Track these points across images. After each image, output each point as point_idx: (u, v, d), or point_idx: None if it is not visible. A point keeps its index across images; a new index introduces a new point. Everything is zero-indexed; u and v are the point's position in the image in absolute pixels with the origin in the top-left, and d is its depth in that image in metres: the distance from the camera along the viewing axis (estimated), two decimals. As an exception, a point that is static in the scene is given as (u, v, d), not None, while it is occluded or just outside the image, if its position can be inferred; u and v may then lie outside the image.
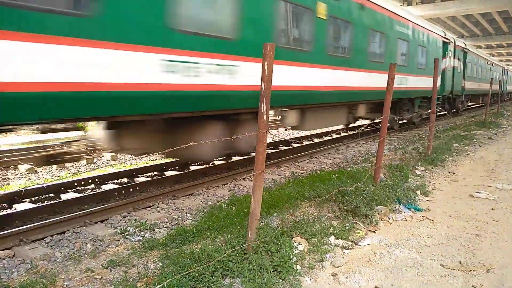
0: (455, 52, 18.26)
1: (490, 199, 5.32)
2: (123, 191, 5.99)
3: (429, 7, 33.10)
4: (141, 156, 8.61)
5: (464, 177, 6.64)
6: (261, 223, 3.73)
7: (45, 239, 4.22)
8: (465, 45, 21.09)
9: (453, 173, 6.91)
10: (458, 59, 18.87)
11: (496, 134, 12.26)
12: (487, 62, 29.59)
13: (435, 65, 8.01)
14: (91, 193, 6.00)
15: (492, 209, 4.92)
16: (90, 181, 6.53)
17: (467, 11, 32.77)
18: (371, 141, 11.71)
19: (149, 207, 5.32)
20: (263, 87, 3.24)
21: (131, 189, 6.09)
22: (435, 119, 8.40)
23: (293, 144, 10.76)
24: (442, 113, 19.08)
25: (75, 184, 6.31)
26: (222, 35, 5.56)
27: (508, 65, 70.88)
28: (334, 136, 12.64)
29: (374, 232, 4.17)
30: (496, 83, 31.11)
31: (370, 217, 4.39)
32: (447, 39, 16.72)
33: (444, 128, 14.80)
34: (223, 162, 8.12)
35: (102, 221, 4.79)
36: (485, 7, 31.30)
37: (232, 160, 8.38)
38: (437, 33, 15.73)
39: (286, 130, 14.88)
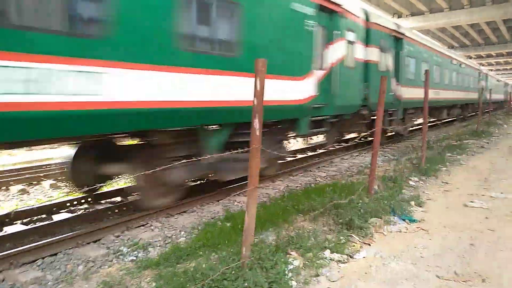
0: (370, 35, 10.65)
1: (484, 208, 5.33)
2: (116, 210, 5.94)
3: (419, 19, 33.70)
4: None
5: (457, 186, 6.66)
6: (256, 239, 3.70)
7: (37, 261, 4.14)
8: (398, 27, 12.92)
9: (447, 183, 6.93)
10: (381, 50, 11.41)
11: (488, 143, 12.37)
12: (452, 61, 21.00)
13: (429, 74, 8.05)
14: (83, 213, 5.94)
15: (486, 218, 4.93)
16: (82, 200, 6.46)
17: (456, 22, 33.39)
18: (364, 153, 11.73)
19: (143, 226, 5.26)
20: (255, 103, 3.27)
21: (124, 208, 6.03)
22: (426, 132, 8.44)
23: (288, 158, 10.76)
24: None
25: (68, 204, 6.25)
26: None
27: (497, 74, 71.83)
28: (330, 148, 12.66)
29: (369, 244, 4.15)
30: (471, 90, 26.83)
31: (365, 229, 4.39)
32: (330, 2, 8.46)
33: (437, 138, 14.89)
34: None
35: (94, 242, 4.72)
36: (473, 18, 31.93)
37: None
38: None
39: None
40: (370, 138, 12.65)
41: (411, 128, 15.94)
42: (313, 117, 8.06)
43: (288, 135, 8.22)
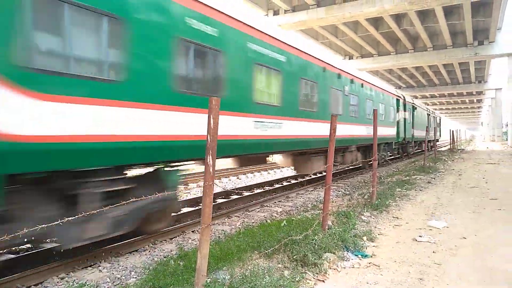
0: None
1: (431, 243, 5.54)
2: (61, 250, 5.59)
3: (368, 61, 35.89)
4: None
5: (407, 221, 6.91)
6: (209, 279, 3.62)
7: (-32, 309, 3.80)
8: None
9: (397, 218, 7.17)
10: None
11: (434, 178, 13.02)
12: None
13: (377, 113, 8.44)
14: (25, 253, 5.54)
15: (433, 252, 5.12)
16: (25, 239, 6.04)
17: (402, 65, 35.91)
18: (319, 188, 11.97)
19: (90, 266, 5.00)
20: (209, 140, 3.28)
21: (71, 248, 5.69)
22: (377, 168, 8.78)
23: (245, 193, 10.74)
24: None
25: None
26: None
27: (441, 113, 76.71)
28: (285, 183, 12.80)
29: (323, 281, 4.16)
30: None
31: (319, 265, 4.41)
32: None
33: (387, 173, 15.50)
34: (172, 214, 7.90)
35: (36, 285, 4.41)
36: (417, 61, 34.52)
37: (180, 212, 8.17)
38: None
39: (238, 178, 14.90)
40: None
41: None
42: None
43: None
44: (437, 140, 34.91)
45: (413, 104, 24.74)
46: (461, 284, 4.06)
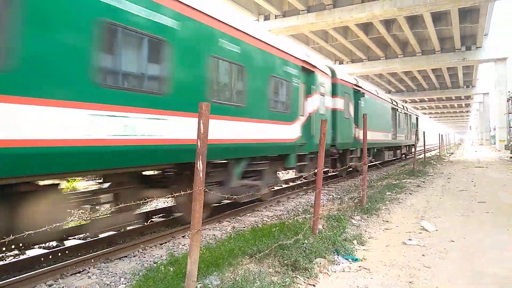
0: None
1: (420, 246, 5.59)
2: (50, 256, 5.52)
3: (358, 65, 36.24)
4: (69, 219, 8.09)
5: (397, 224, 6.96)
6: (199, 285, 3.60)
7: (-47, 318, 3.72)
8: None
9: (387, 221, 7.22)
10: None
11: (424, 182, 13.14)
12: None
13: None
14: (12, 260, 5.46)
15: (423, 255, 5.16)
16: (13, 246, 5.95)
17: (392, 69, 36.31)
18: (310, 192, 11.99)
19: (79, 272, 4.93)
20: (199, 145, 3.28)
21: (59, 254, 5.63)
22: (367, 172, 8.83)
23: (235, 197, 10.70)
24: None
25: (-5, 250, 5.73)
26: None
27: (430, 117, 77.47)
28: (276, 188, 12.80)
29: (314, 286, 4.17)
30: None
31: (309, 270, 4.42)
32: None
33: (378, 177, 15.60)
34: (162, 219, 7.85)
35: (23, 292, 4.34)
36: (406, 66, 34.94)
37: (172, 217, 8.13)
38: None
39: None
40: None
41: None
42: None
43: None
44: (413, 146, 24.32)
45: (356, 88, 15.06)
46: (451, 287, 4.09)
